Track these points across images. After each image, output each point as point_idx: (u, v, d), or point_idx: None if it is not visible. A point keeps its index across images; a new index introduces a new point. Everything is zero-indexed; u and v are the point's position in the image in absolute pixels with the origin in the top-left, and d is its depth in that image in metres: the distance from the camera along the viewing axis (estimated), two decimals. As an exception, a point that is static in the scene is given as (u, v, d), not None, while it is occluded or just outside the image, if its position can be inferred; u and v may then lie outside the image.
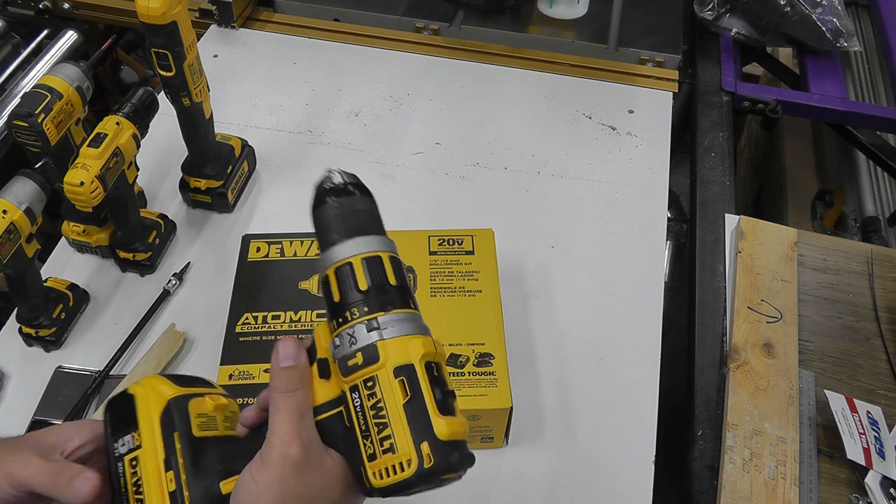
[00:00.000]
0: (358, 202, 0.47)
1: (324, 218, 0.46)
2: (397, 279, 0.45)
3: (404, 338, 0.43)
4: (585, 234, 0.93)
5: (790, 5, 1.14)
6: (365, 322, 0.43)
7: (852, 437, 0.71)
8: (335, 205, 0.46)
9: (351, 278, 0.44)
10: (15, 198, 0.70)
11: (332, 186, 0.47)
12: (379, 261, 0.45)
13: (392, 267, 0.45)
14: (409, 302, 0.45)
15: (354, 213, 0.46)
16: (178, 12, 0.75)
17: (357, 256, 0.44)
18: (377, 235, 0.46)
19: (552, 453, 0.73)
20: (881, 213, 1.17)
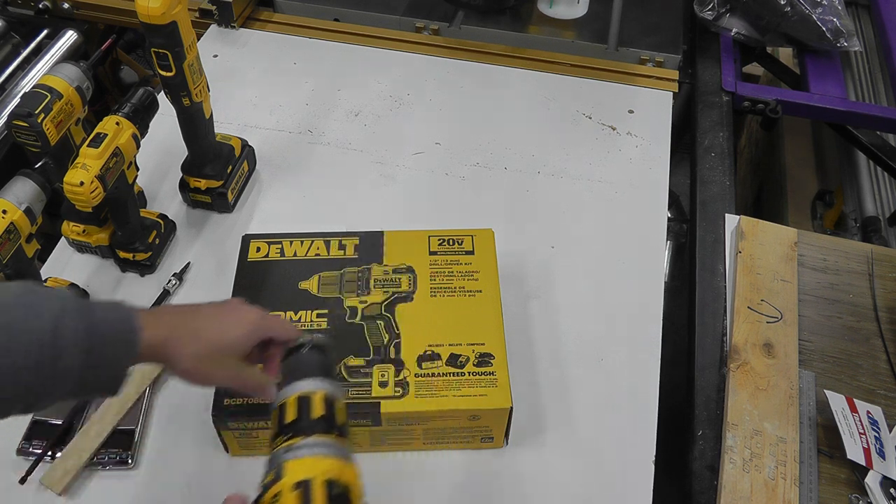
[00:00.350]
0: (308, 356, 0.57)
1: (292, 360, 0.58)
2: (326, 412, 0.52)
3: (312, 458, 0.48)
4: (585, 234, 0.93)
5: (790, 5, 1.14)
6: (284, 446, 0.49)
7: (852, 437, 0.71)
8: (287, 361, 0.57)
9: (282, 414, 0.52)
10: (15, 198, 0.70)
11: (293, 346, 0.59)
12: (307, 400, 0.53)
13: (324, 404, 0.53)
14: (330, 429, 0.51)
15: (302, 365, 0.56)
16: (178, 12, 0.75)
17: (292, 397, 0.53)
18: (313, 378, 0.54)
19: (552, 453, 0.73)
20: (881, 213, 1.16)
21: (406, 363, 0.69)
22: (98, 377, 0.51)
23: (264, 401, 0.62)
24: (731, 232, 0.93)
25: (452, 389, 0.67)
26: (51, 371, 0.47)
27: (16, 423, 0.73)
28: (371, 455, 0.72)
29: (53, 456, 0.71)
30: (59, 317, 0.48)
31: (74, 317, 0.49)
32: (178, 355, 0.55)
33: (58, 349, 0.47)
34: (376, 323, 0.72)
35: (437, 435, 0.70)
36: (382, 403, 0.66)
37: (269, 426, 0.67)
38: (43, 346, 0.47)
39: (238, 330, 0.58)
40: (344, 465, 0.49)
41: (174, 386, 0.77)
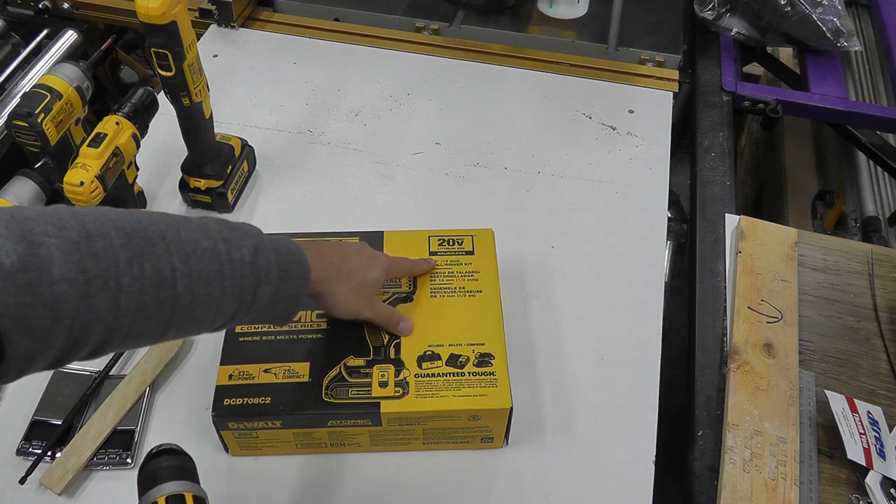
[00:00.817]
0: (167, 460, 0.55)
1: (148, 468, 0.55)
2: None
3: None
4: (585, 234, 0.93)
5: (790, 5, 1.14)
6: None
7: (853, 437, 0.71)
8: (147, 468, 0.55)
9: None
10: (15, 198, 0.70)
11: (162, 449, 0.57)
12: (181, 498, 0.52)
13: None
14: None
15: (165, 469, 0.55)
16: (177, 12, 0.75)
17: (161, 498, 0.52)
18: (179, 481, 0.54)
19: (552, 453, 0.73)
20: (881, 213, 1.16)
21: (406, 363, 0.69)
22: (280, 307, 0.58)
23: (300, 378, 0.67)
24: (731, 232, 0.93)
25: (452, 389, 0.67)
26: (251, 297, 0.54)
27: (16, 424, 0.73)
28: (371, 455, 0.72)
29: (53, 456, 0.70)
30: (254, 253, 0.54)
31: (266, 253, 0.55)
32: (335, 292, 0.64)
33: (257, 280, 0.54)
34: (376, 323, 0.72)
35: (437, 435, 0.70)
36: (382, 403, 0.66)
37: (269, 425, 0.67)
38: (245, 277, 0.53)
39: (378, 270, 0.69)
40: None
41: (174, 386, 0.77)
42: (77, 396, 0.74)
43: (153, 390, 0.76)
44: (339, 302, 0.66)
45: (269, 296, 0.55)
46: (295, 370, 0.69)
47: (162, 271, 0.47)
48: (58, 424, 0.72)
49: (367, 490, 0.70)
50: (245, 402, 0.67)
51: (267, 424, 0.67)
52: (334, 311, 0.67)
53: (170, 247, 0.48)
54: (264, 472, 0.71)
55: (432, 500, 0.70)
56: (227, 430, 0.68)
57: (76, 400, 0.74)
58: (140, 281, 0.45)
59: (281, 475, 0.71)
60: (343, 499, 0.69)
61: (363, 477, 0.71)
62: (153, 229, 0.48)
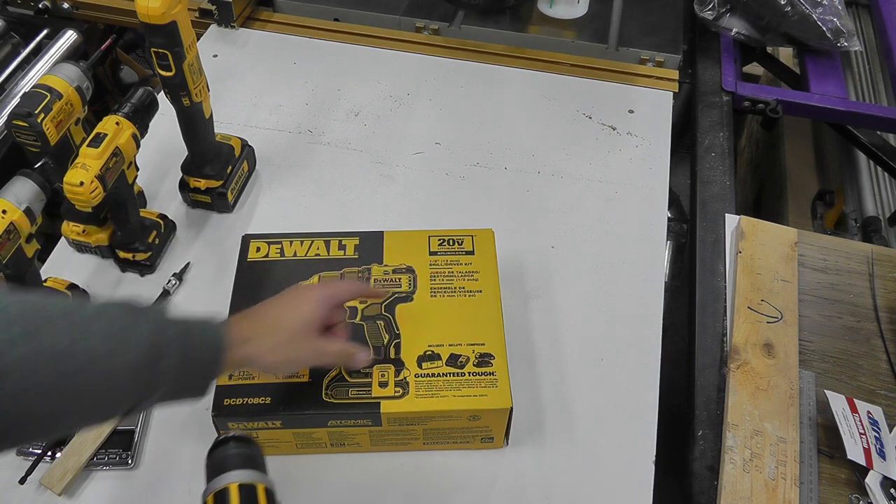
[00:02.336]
0: (228, 449, 0.54)
1: (218, 454, 0.55)
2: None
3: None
4: (585, 234, 0.93)
5: (790, 5, 1.14)
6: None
7: (853, 437, 0.71)
8: (216, 453, 0.54)
9: (226, 498, 0.51)
10: (15, 198, 0.70)
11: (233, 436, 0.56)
12: (225, 494, 0.51)
13: (239, 496, 0.51)
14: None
15: (238, 455, 0.54)
16: (177, 12, 0.75)
17: (233, 485, 0.51)
18: (250, 470, 0.53)
19: (552, 453, 0.73)
20: (881, 213, 1.16)
21: (406, 363, 0.69)
22: (189, 392, 0.56)
23: (300, 378, 0.67)
24: (731, 232, 0.93)
25: (452, 389, 0.67)
26: (143, 396, 0.51)
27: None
28: (371, 455, 0.72)
29: (53, 456, 0.70)
30: (148, 352, 0.50)
31: (171, 352, 0.51)
32: (258, 354, 0.59)
33: (147, 381, 0.51)
34: (376, 323, 0.72)
35: (437, 435, 0.70)
36: (382, 403, 0.66)
37: (269, 425, 0.67)
38: (130, 381, 0.50)
39: (307, 306, 0.62)
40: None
41: (174, 386, 0.77)
42: (77, 396, 0.74)
43: (153, 390, 0.76)
44: (270, 363, 0.61)
45: (166, 391, 0.53)
46: (295, 370, 0.69)
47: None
48: (58, 424, 0.72)
49: (367, 490, 0.70)
50: (245, 402, 0.67)
51: (267, 424, 0.67)
52: (272, 372, 0.64)
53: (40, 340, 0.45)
54: (264, 472, 0.71)
55: (432, 500, 0.70)
56: (227, 431, 0.68)
57: (76, 400, 0.74)
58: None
59: (281, 475, 0.70)
60: (343, 499, 0.69)
61: (363, 477, 0.71)
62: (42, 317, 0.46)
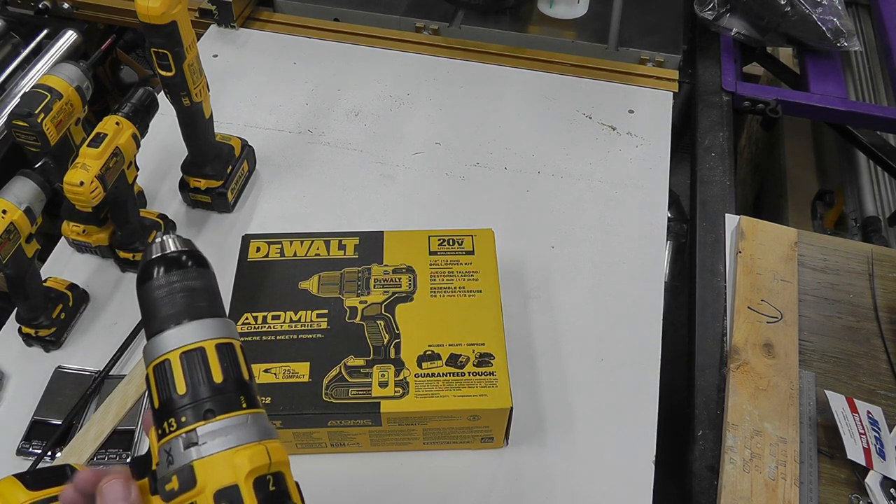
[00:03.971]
0: (181, 277, 0.39)
1: (145, 298, 0.39)
2: (225, 373, 0.38)
3: (228, 452, 0.36)
4: (585, 234, 0.93)
5: (790, 5, 1.14)
6: (182, 436, 0.36)
7: (853, 437, 0.71)
8: (157, 283, 0.39)
9: (168, 379, 0.37)
10: (15, 198, 0.70)
11: (157, 257, 0.40)
12: (200, 355, 0.38)
13: (219, 359, 0.38)
14: (240, 401, 0.38)
15: (178, 293, 0.39)
16: (177, 12, 0.75)
17: (175, 351, 0.37)
18: (203, 320, 0.39)
19: (552, 453, 0.73)
20: (881, 213, 1.17)
21: (406, 363, 0.69)
22: None
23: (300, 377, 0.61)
24: (731, 232, 0.93)
25: (452, 389, 0.67)
26: None
27: (16, 423, 0.73)
28: (371, 455, 0.72)
29: (53, 456, 0.71)
30: None
31: None
32: None
33: None
34: (376, 323, 0.72)
35: (437, 435, 0.70)
36: (382, 403, 0.66)
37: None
38: None
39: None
40: (269, 446, 0.37)
41: (174, 386, 0.77)
42: (77, 396, 0.74)
43: (153, 390, 0.76)
44: None
45: None
46: (295, 370, 0.69)
47: None
48: (58, 424, 0.72)
49: (367, 490, 0.70)
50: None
51: (267, 424, 0.67)
52: None
53: None
54: (264, 472, 0.71)
55: (432, 500, 0.70)
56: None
57: (76, 400, 0.74)
58: None
59: (281, 475, 0.71)
60: (343, 499, 0.69)
61: (363, 477, 0.71)
62: None
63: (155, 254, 0.40)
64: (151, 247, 0.40)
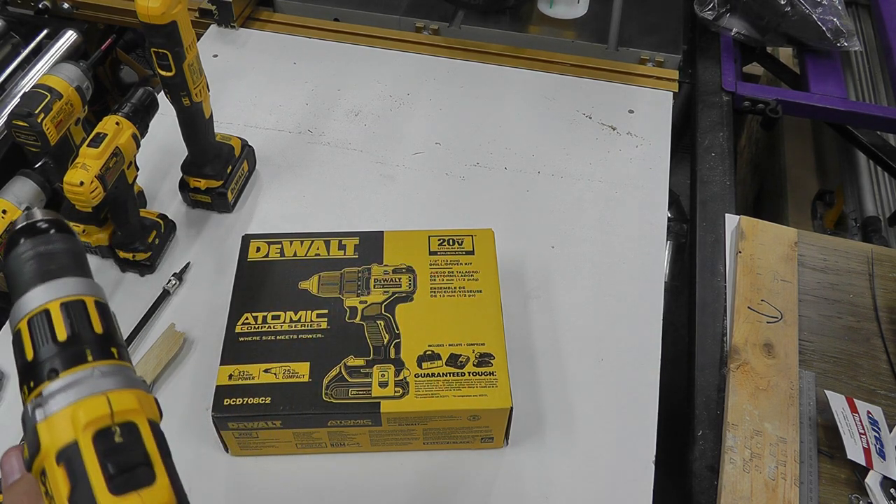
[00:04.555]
0: (38, 244, 0.38)
1: (7, 270, 0.38)
2: (70, 330, 0.36)
3: (68, 409, 0.34)
4: (585, 234, 0.93)
5: (790, 5, 1.14)
6: (32, 401, 0.35)
7: (853, 437, 0.71)
8: (16, 252, 0.38)
9: (21, 348, 0.36)
10: (15, 198, 0.70)
11: (20, 227, 0.39)
12: (45, 317, 0.36)
13: (64, 317, 0.36)
14: (87, 354, 0.36)
15: (31, 259, 0.38)
16: (177, 12, 0.75)
17: (24, 319, 0.36)
18: (52, 281, 0.37)
19: (552, 453, 0.73)
20: (881, 213, 1.17)
21: (406, 363, 0.69)
22: None
23: (300, 377, 0.61)
24: (731, 232, 0.93)
25: (452, 389, 0.67)
26: None
27: (15, 423, 0.73)
28: (371, 455, 0.72)
29: (53, 456, 0.70)
30: None
31: None
32: None
33: None
34: (376, 323, 0.72)
35: (437, 435, 0.70)
36: (382, 403, 0.66)
37: (269, 425, 0.67)
38: None
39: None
40: (112, 396, 0.34)
41: (174, 386, 0.77)
42: (77, 396, 0.74)
43: (153, 390, 0.76)
44: None
45: None
46: (295, 370, 0.69)
47: None
48: (58, 424, 0.72)
49: (367, 490, 0.70)
50: (245, 402, 0.67)
51: (267, 424, 0.67)
52: None
53: None
54: (264, 472, 0.71)
55: (432, 500, 0.70)
56: (227, 430, 0.68)
57: (76, 400, 0.74)
58: None
59: (281, 475, 0.71)
60: (343, 499, 0.70)
61: (363, 477, 0.71)
62: None
63: (19, 224, 0.39)
64: (18, 219, 0.40)
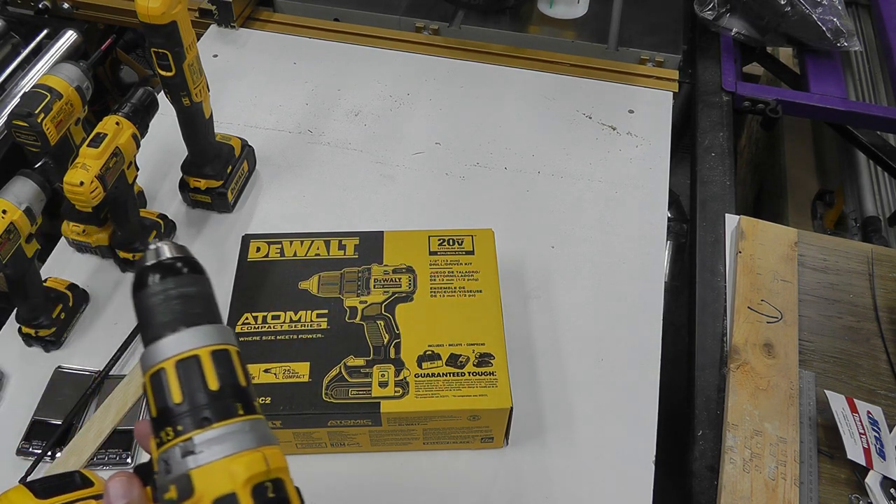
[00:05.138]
0: (173, 284, 0.39)
1: (140, 306, 0.39)
2: (221, 380, 0.37)
3: (225, 460, 0.35)
4: (585, 234, 0.93)
5: (790, 5, 1.14)
6: (179, 445, 0.36)
7: (853, 437, 0.71)
8: (152, 290, 0.38)
9: (164, 388, 0.37)
10: (15, 198, 0.70)
11: (152, 264, 0.39)
12: (195, 363, 0.37)
13: (214, 366, 0.37)
14: (236, 408, 0.37)
15: (173, 300, 0.38)
16: (177, 12, 0.75)
17: (171, 360, 0.37)
18: (198, 327, 0.38)
19: (552, 453, 0.73)
20: (881, 213, 1.17)
21: (406, 363, 0.69)
22: None
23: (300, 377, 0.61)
24: (731, 232, 0.93)
25: (452, 389, 0.67)
26: None
27: (16, 423, 0.73)
28: (371, 455, 0.72)
29: (53, 456, 0.71)
30: None
31: None
32: None
33: None
34: (376, 323, 0.72)
35: (437, 435, 0.70)
36: (382, 403, 0.66)
37: (270, 425, 0.67)
38: None
39: None
40: (267, 453, 0.36)
41: (174, 386, 0.77)
42: (77, 396, 0.74)
43: (153, 390, 0.76)
44: None
45: None
46: (295, 370, 0.69)
47: None
48: (58, 424, 0.72)
49: (367, 490, 0.70)
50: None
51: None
52: None
53: None
54: (264, 472, 0.71)
55: (432, 500, 0.70)
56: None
57: (76, 400, 0.74)
58: None
59: (281, 475, 0.71)
60: (343, 499, 0.69)
61: (363, 477, 0.71)
62: None
63: (150, 260, 0.39)
64: (146, 253, 0.40)
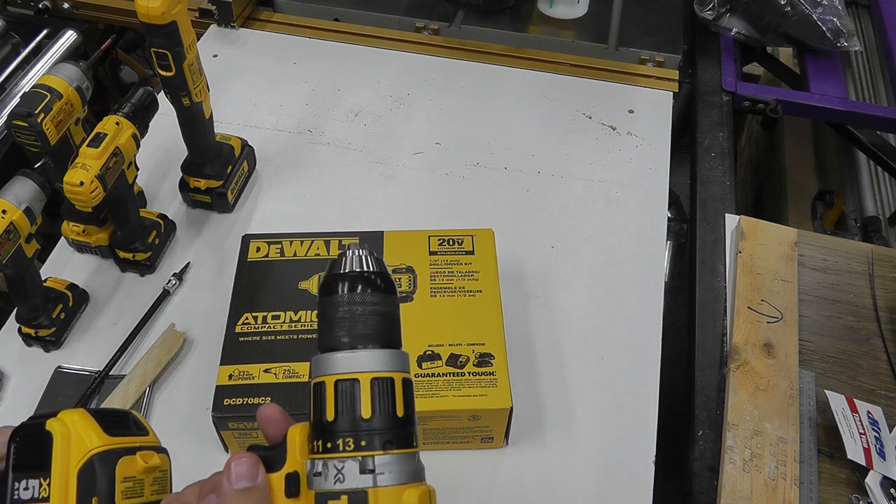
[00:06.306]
0: (380, 300, 0.39)
1: (333, 310, 0.38)
2: (406, 409, 0.38)
3: (399, 487, 0.36)
4: (585, 234, 0.93)
5: (790, 5, 1.14)
6: (359, 459, 0.36)
7: (853, 437, 0.71)
8: (352, 299, 0.38)
9: (353, 400, 0.37)
10: (15, 198, 0.70)
11: (354, 273, 0.39)
12: (390, 385, 0.37)
13: (403, 393, 0.38)
14: (412, 438, 0.38)
15: (373, 314, 0.38)
16: (177, 12, 0.75)
17: (367, 374, 0.37)
18: (394, 350, 0.39)
19: (552, 453, 0.73)
20: (881, 213, 1.16)
21: (406, 363, 0.69)
22: None
23: (300, 378, 0.61)
24: (731, 232, 0.93)
25: (452, 389, 0.67)
26: None
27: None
28: (371, 455, 0.72)
29: (53, 456, 0.70)
30: None
31: None
32: None
33: None
34: (376, 323, 0.72)
35: (437, 435, 0.70)
36: (382, 403, 0.66)
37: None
38: None
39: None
40: (427, 492, 0.37)
41: (174, 386, 0.77)
42: (77, 396, 0.74)
43: (153, 390, 0.76)
44: None
45: None
46: (295, 370, 0.69)
47: None
48: (58, 424, 0.72)
49: (367, 490, 0.70)
50: (245, 402, 0.67)
51: (267, 424, 0.67)
52: None
53: None
54: (264, 472, 0.71)
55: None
56: (227, 430, 0.68)
57: (76, 400, 0.74)
58: None
59: (281, 475, 0.71)
60: (343, 499, 0.69)
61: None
62: None
63: (355, 267, 0.39)
64: (349, 258, 0.39)
